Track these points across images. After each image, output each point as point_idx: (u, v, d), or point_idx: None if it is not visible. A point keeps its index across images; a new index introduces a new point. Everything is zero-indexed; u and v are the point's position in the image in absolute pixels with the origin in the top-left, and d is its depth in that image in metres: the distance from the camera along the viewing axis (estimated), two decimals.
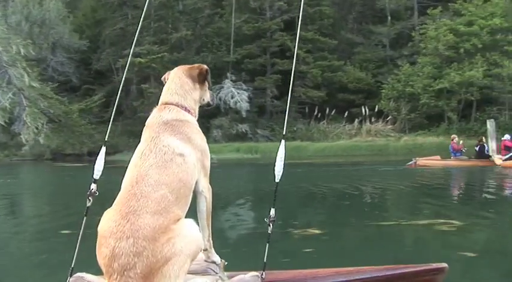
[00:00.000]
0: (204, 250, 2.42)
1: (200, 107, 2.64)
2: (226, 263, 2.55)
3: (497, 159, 19.26)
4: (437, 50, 34.17)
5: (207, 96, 2.67)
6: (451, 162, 20.17)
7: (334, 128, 36.47)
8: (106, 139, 2.64)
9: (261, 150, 34.79)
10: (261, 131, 37.26)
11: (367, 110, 35.07)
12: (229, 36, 40.09)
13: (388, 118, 35.28)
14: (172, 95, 2.47)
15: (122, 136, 39.88)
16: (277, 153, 2.48)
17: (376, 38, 39.47)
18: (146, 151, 2.24)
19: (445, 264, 2.43)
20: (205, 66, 2.56)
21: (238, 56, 38.95)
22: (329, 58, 38.23)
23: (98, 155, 2.59)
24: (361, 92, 37.13)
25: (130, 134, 40.15)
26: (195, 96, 2.55)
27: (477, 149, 20.38)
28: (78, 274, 2.27)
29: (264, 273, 2.35)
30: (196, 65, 2.57)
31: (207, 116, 38.09)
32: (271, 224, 2.42)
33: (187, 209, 2.25)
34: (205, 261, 2.48)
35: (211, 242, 2.49)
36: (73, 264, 2.35)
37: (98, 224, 2.12)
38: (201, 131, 2.49)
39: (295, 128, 36.98)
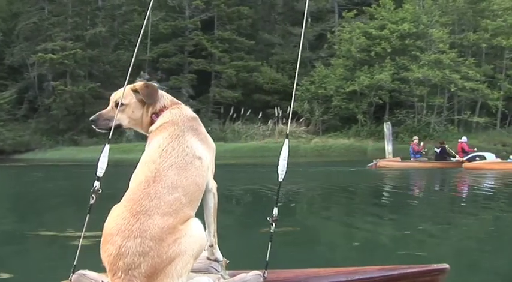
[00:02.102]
0: (209, 246, 2.40)
1: None
2: (228, 261, 2.52)
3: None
4: (350, 53, 34.35)
5: None
6: (412, 163, 20.33)
7: (248, 128, 36.11)
8: (110, 137, 2.44)
9: None
10: None
11: (280, 111, 34.82)
12: (146, 34, 39.13)
13: (302, 119, 35.18)
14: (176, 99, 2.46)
15: (35, 134, 38.43)
16: (280, 152, 2.41)
17: (294, 39, 39.39)
18: (168, 148, 2.17)
19: (446, 265, 2.39)
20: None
21: (155, 55, 38.04)
22: (246, 58, 37.86)
23: (101, 152, 2.45)
24: (276, 93, 36.88)
25: (43, 132, 38.79)
26: None
27: (438, 151, 20.60)
28: (81, 271, 2.21)
29: (266, 272, 2.29)
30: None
31: None
32: (273, 223, 2.35)
33: (197, 208, 2.22)
34: (208, 259, 2.44)
35: (217, 238, 2.45)
36: (75, 261, 2.27)
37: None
38: None
39: (209, 128, 35.94)
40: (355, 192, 12.84)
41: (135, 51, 2.99)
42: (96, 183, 2.37)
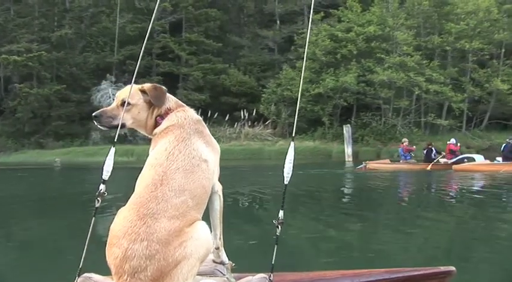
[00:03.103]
0: (215, 248, 2.41)
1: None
2: (234, 264, 2.53)
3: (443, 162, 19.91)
4: (315, 55, 34.36)
5: None
6: (401, 165, 20.53)
7: (215, 131, 35.81)
8: (115, 140, 2.52)
9: (137, 153, 33.74)
10: (141, 134, 36.08)
11: (246, 113, 34.73)
12: (114, 37, 38.83)
13: (268, 122, 35.09)
14: (180, 101, 2.48)
15: (0, 137, 37.91)
16: (285, 155, 2.44)
17: (263, 41, 39.36)
18: (175, 151, 2.17)
19: (452, 268, 2.41)
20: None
21: (121, 57, 37.69)
22: (213, 61, 37.68)
23: (107, 155, 2.49)
24: (244, 95, 36.77)
25: (9, 135, 38.19)
26: None
27: (425, 152, 20.76)
28: (86, 274, 2.23)
29: (272, 275, 2.30)
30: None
31: (87, 118, 36.74)
32: (279, 226, 2.37)
33: (203, 211, 2.22)
34: (214, 261, 2.45)
35: (222, 240, 2.47)
36: (81, 264, 2.27)
37: None
38: None
39: None
40: (348, 194, 13.02)
41: (143, 47, 3.02)
42: (102, 186, 2.39)
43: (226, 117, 35.49)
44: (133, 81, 2.38)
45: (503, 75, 34.57)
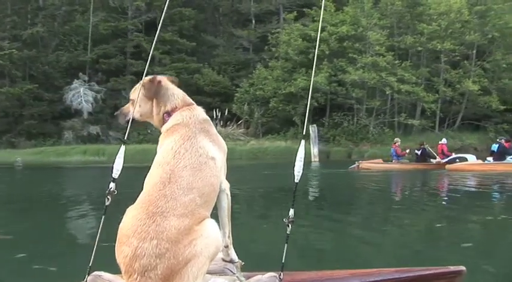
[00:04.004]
0: (224, 247, 2.40)
1: None
2: (243, 263, 2.53)
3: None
4: (288, 55, 34.32)
5: None
6: (394, 165, 20.46)
7: None
8: (125, 138, 2.56)
9: (108, 153, 33.47)
10: (114, 133, 35.84)
11: (219, 113, 34.58)
12: (87, 35, 38.49)
13: (240, 121, 35.00)
14: (189, 98, 2.48)
15: None
16: (296, 153, 2.44)
17: (237, 41, 39.27)
18: (181, 150, 2.18)
19: (463, 267, 2.39)
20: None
21: (95, 56, 37.37)
22: (187, 60, 37.49)
23: (117, 154, 2.51)
24: (218, 95, 36.62)
25: None
26: None
27: (418, 152, 20.67)
28: (96, 273, 2.23)
29: (282, 274, 2.29)
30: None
31: (59, 118, 36.45)
32: (290, 225, 2.37)
33: (212, 209, 2.22)
34: (223, 260, 2.45)
35: (231, 239, 2.46)
36: (91, 262, 2.28)
37: None
38: None
39: (149, 131, 35.96)
40: (346, 194, 12.96)
41: (154, 41, 2.97)
42: (112, 185, 2.41)
43: None
44: (144, 75, 2.47)
45: (475, 76, 34.78)
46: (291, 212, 2.38)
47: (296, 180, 2.41)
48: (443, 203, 10.96)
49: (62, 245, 6.28)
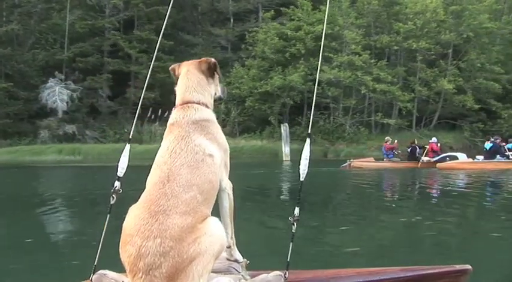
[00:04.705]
0: (227, 247, 2.38)
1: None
2: (248, 262, 2.50)
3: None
4: (264, 53, 34.31)
5: (219, 90, 2.60)
6: (385, 164, 20.79)
7: (165, 130, 35.55)
8: (130, 137, 2.61)
9: (84, 152, 33.35)
10: (90, 133, 35.71)
11: None
12: (64, 33, 38.18)
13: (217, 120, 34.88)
14: (192, 93, 2.42)
15: None
16: (301, 152, 2.45)
17: (216, 39, 39.20)
18: (177, 149, 2.19)
19: (468, 266, 2.37)
20: (212, 60, 2.48)
21: (71, 54, 37.08)
22: (164, 59, 37.23)
23: (122, 152, 2.55)
24: None
25: None
26: (211, 91, 2.51)
27: (409, 150, 21.22)
28: (101, 271, 2.25)
29: (287, 272, 2.29)
30: (203, 59, 2.51)
31: (35, 116, 36.14)
32: (295, 223, 2.39)
33: (213, 206, 2.24)
34: (228, 259, 2.44)
35: (234, 239, 2.46)
36: (96, 261, 2.31)
37: None
38: (220, 128, 2.45)
39: (126, 130, 35.84)
40: (339, 193, 12.95)
41: (159, 39, 2.94)
42: (117, 183, 2.44)
43: None
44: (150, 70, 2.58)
45: (450, 75, 34.99)
46: (296, 210, 2.39)
47: (301, 179, 2.42)
48: (435, 200, 11.11)
49: (65, 244, 6.31)
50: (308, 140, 2.46)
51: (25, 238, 6.50)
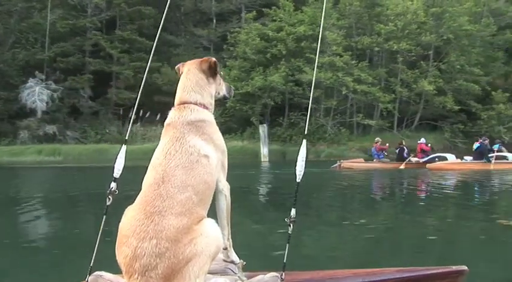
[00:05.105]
0: (223, 249, 2.38)
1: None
2: (245, 263, 2.52)
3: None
4: (246, 54, 34.31)
5: (222, 90, 2.64)
6: (375, 164, 20.99)
7: (147, 130, 35.47)
8: (126, 138, 2.60)
9: (64, 153, 33.09)
10: (71, 133, 35.43)
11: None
12: (45, 33, 37.84)
13: None
14: (189, 93, 2.42)
15: None
16: (298, 153, 2.47)
17: (198, 40, 39.13)
18: (171, 151, 2.19)
19: (465, 267, 2.39)
20: (213, 59, 2.52)
21: (52, 54, 36.77)
22: (146, 59, 37.01)
23: (118, 153, 2.54)
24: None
25: None
26: (211, 91, 2.51)
27: (397, 151, 21.30)
28: (97, 272, 2.24)
29: (283, 273, 2.28)
30: (205, 58, 2.54)
31: (15, 117, 35.79)
32: (291, 225, 2.39)
33: (209, 207, 2.22)
34: (224, 260, 2.45)
35: (231, 241, 2.47)
36: (92, 262, 2.30)
37: None
38: (218, 129, 2.43)
39: (107, 130, 35.70)
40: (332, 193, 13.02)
41: (155, 41, 2.96)
42: (113, 184, 2.43)
43: (158, 117, 35.07)
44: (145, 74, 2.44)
45: (431, 76, 35.23)
46: (293, 211, 2.38)
47: (298, 180, 2.42)
48: (428, 200, 11.19)
49: (61, 245, 6.31)
50: (305, 141, 2.46)
51: (18, 239, 6.53)
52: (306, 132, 2.79)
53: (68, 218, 8.74)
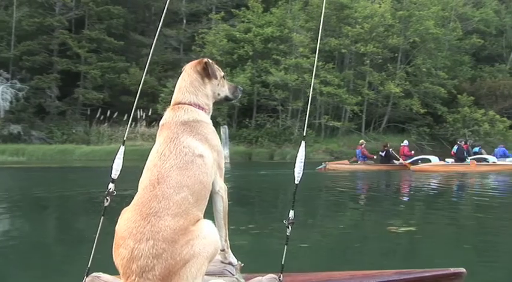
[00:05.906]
0: (221, 250, 2.37)
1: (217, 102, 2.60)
2: (242, 264, 2.51)
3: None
4: (213, 55, 34.20)
5: (223, 91, 2.60)
6: (360, 166, 21.08)
7: (114, 131, 35.18)
8: (124, 138, 2.61)
9: (28, 153, 32.68)
10: (37, 133, 35.03)
11: (143, 113, 34.22)
12: (11, 31, 37.36)
13: None
14: (184, 94, 2.42)
15: None
16: (296, 155, 2.46)
17: (167, 40, 38.93)
18: (166, 152, 2.19)
19: (463, 269, 2.39)
20: (205, 59, 2.47)
21: (18, 53, 36.32)
22: (114, 59, 36.87)
23: (116, 154, 2.55)
24: (145, 95, 35.93)
25: None
26: (207, 91, 2.48)
27: (383, 154, 21.28)
28: (95, 274, 2.24)
29: (281, 275, 2.28)
30: (200, 59, 2.50)
31: None
32: (289, 226, 2.38)
33: (205, 209, 2.22)
34: (222, 262, 2.44)
35: (228, 242, 2.46)
36: (89, 264, 2.30)
37: None
38: (215, 130, 2.42)
39: (74, 131, 35.38)
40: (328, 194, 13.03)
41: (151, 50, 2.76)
42: (111, 185, 2.44)
43: (125, 117, 34.82)
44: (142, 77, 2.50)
45: (398, 79, 35.48)
46: (291, 213, 2.38)
47: (296, 182, 2.42)
48: (419, 202, 11.16)
49: (59, 246, 6.32)
50: (303, 143, 2.45)
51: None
52: (305, 134, 2.74)
53: (68, 218, 8.69)
